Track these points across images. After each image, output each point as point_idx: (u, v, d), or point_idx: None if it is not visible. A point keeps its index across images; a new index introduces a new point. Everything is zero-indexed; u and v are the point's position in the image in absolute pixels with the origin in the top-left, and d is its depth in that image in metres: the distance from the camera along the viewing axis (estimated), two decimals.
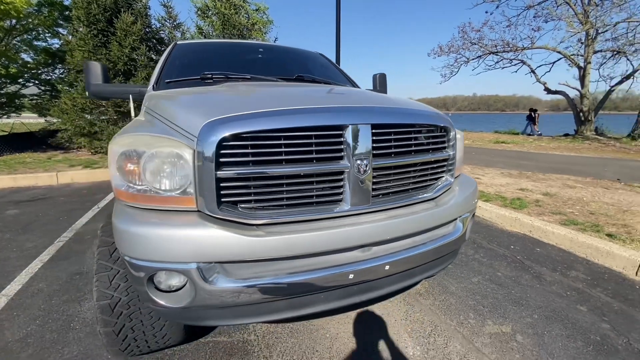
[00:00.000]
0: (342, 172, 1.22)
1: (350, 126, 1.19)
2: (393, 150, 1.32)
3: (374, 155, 1.25)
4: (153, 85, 2.14)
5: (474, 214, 1.70)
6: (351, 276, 1.22)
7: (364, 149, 1.21)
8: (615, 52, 14.62)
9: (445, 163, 1.50)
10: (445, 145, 1.49)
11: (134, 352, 1.56)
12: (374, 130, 1.23)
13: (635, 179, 5.87)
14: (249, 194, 1.16)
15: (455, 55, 16.24)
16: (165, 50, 2.75)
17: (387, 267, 1.28)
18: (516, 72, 16.24)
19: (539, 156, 9.05)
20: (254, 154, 1.12)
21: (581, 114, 14.13)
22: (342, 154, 1.21)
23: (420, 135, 1.40)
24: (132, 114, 2.06)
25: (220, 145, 1.07)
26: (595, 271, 2.63)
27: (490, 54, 15.45)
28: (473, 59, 15.92)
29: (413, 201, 1.40)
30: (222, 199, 1.11)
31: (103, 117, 7.49)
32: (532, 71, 15.62)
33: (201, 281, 1.09)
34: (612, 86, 13.99)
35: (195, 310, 1.16)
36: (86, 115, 7.24)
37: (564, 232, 3.08)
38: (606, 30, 13.35)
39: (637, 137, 11.86)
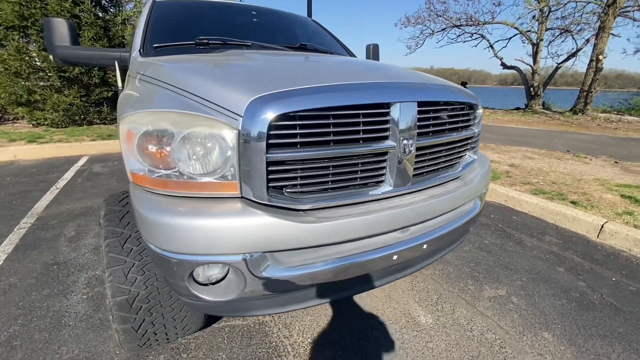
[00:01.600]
0: (385, 153, 1.17)
1: (398, 103, 1.13)
2: (432, 129, 1.29)
3: (418, 134, 1.21)
4: (139, 51, 1.85)
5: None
6: (395, 257, 1.22)
7: (410, 127, 1.17)
8: (563, 31, 15.68)
9: (470, 141, 1.52)
10: (472, 122, 1.49)
11: (152, 346, 1.47)
12: (419, 108, 1.18)
13: (580, 150, 6.54)
14: (294, 178, 1.07)
15: (422, 27, 16.31)
16: (142, 10, 2.38)
17: (424, 246, 1.30)
18: (476, 46, 16.85)
19: (497, 129, 9.66)
20: (302, 135, 1.02)
21: (532, 89, 15.18)
22: (388, 133, 1.15)
23: (454, 112, 1.38)
24: (120, 83, 1.78)
25: (271, 125, 0.95)
26: (565, 235, 2.94)
27: (454, 27, 15.74)
28: (438, 32, 16.13)
29: (445, 180, 1.41)
30: (269, 184, 1.02)
31: (42, 84, 6.51)
32: (491, 46, 16.27)
33: (251, 272, 1.01)
34: (559, 63, 15.11)
35: (242, 302, 1.09)
36: (21, 81, 6.23)
37: (536, 201, 3.37)
38: (558, 9, 14.15)
39: (578, 111, 13.11)
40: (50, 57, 1.94)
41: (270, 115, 0.95)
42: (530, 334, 1.78)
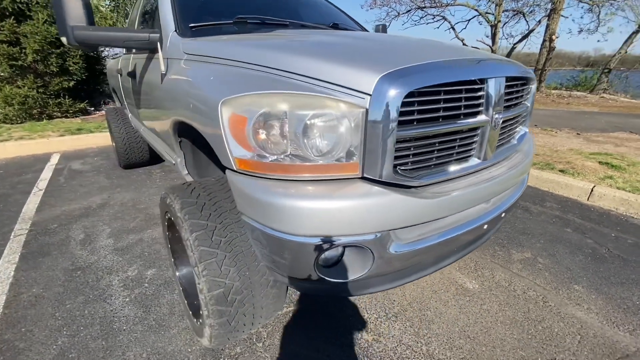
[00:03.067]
0: (478, 127, 1.22)
1: (493, 79, 1.17)
2: (511, 102, 1.36)
3: (504, 108, 1.27)
4: (176, 31, 1.69)
5: None
6: (485, 226, 1.29)
7: (500, 102, 1.22)
8: (516, 12, 16.65)
9: (527, 114, 1.61)
10: (528, 96, 1.58)
11: (238, 337, 1.43)
12: (506, 83, 1.23)
13: (545, 124, 7.13)
14: (408, 156, 1.08)
15: (387, 8, 16.44)
16: None
17: (502, 215, 1.39)
18: (438, 28, 17.36)
19: None
20: (419, 111, 1.03)
21: None
22: (481, 108, 1.20)
23: (522, 87, 1.46)
24: (162, 67, 1.62)
25: (403, 102, 0.95)
26: (561, 200, 3.25)
27: (418, 8, 16.06)
28: (403, 14, 16.37)
29: (512, 152, 1.49)
30: (394, 163, 1.02)
31: None
32: (452, 27, 16.88)
33: (380, 250, 1.02)
34: (514, 44, 16.11)
35: (364, 280, 1.10)
36: None
37: (530, 171, 3.66)
38: None
39: None
40: (64, 39, 1.72)
41: (401, 92, 0.95)
42: (564, 288, 1.99)
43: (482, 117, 1.20)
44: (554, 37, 12.58)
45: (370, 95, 0.95)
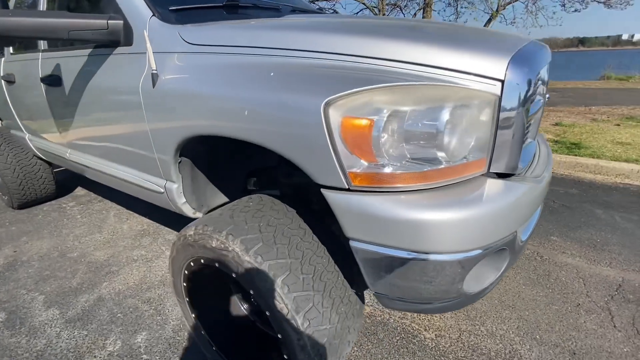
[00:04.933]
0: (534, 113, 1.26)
1: (547, 64, 1.21)
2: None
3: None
4: (154, 16, 1.24)
5: None
6: (540, 207, 1.36)
7: (547, 85, 1.28)
8: (393, 6, 18.60)
9: None
10: None
11: None
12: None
13: None
14: None
15: None
16: None
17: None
18: None
19: None
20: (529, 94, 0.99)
21: None
22: (543, 87, 1.23)
23: None
24: (153, 64, 1.15)
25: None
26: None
27: (311, 2, 16.39)
28: None
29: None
30: None
31: None
32: None
33: (514, 246, 0.96)
34: None
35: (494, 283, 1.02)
36: None
37: None
38: None
39: None
40: None
41: (528, 75, 0.88)
42: (546, 241, 2.31)
43: (540, 101, 1.24)
44: None
45: (502, 80, 0.86)
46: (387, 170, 0.84)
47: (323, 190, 0.91)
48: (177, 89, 1.13)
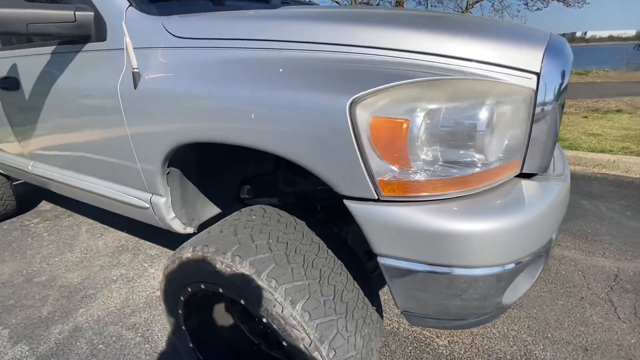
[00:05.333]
0: None
1: None
2: None
3: None
4: (132, 6, 1.07)
5: None
6: None
7: None
8: (365, 3, 18.73)
9: None
10: None
11: None
12: None
13: None
14: None
15: None
16: None
17: None
18: None
19: None
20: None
21: None
22: None
23: None
24: (134, 61, 0.98)
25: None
26: None
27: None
28: None
29: None
30: None
31: None
32: None
33: (549, 250, 0.90)
34: None
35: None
36: None
37: None
38: None
39: None
40: None
41: (561, 67, 0.82)
42: None
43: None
44: None
45: (538, 73, 0.78)
46: (421, 176, 0.74)
47: (347, 202, 0.80)
48: (165, 90, 0.97)
